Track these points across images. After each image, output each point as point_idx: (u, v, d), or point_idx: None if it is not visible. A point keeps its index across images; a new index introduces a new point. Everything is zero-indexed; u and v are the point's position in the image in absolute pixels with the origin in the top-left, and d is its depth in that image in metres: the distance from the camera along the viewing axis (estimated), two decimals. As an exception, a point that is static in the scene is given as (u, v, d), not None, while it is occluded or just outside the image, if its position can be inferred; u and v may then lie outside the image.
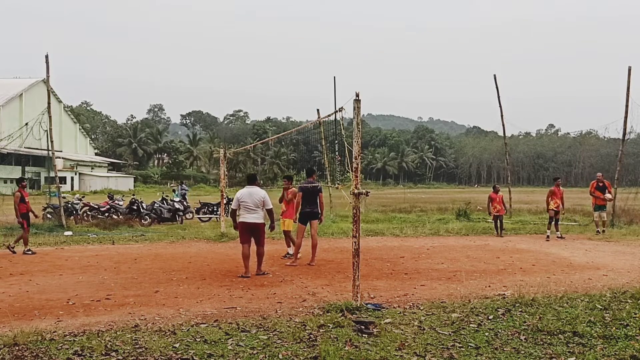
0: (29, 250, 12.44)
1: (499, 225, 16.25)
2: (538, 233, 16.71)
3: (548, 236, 15.09)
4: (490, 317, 6.29)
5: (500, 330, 5.77)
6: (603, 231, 16.24)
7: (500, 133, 24.37)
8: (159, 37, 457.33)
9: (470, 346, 5.26)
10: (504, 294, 7.62)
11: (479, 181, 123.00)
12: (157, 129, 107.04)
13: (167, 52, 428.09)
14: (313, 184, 10.93)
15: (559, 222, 15.90)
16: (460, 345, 5.30)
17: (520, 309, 6.65)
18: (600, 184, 16.50)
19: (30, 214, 13.12)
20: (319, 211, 10.97)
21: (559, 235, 15.28)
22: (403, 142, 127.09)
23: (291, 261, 10.79)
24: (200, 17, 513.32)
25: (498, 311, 6.56)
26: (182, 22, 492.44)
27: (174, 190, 25.25)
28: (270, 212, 9.61)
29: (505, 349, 5.18)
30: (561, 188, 15.74)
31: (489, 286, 8.43)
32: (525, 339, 5.48)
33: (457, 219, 20.31)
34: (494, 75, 22.27)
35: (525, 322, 6.06)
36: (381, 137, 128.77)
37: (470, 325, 5.97)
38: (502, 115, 22.69)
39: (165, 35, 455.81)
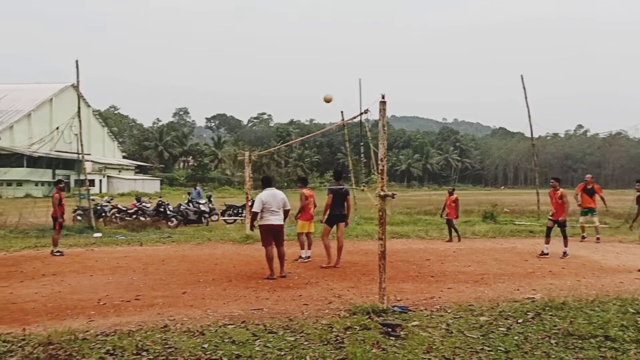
0: (59, 251, 12.73)
1: (451, 230, 15.25)
2: (569, 236, 16.42)
3: (542, 252, 12.18)
4: (519, 321, 6.22)
5: (530, 334, 5.70)
6: (584, 237, 15.04)
7: (527, 134, 24.03)
8: (184, 42, 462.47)
9: (500, 350, 5.21)
10: (534, 298, 7.53)
11: (505, 183, 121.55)
12: (183, 132, 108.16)
13: (192, 56, 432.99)
14: (342, 187, 10.93)
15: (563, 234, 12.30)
16: (490, 349, 5.25)
17: (550, 313, 6.56)
18: (589, 187, 15.53)
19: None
20: (346, 214, 11.00)
21: (544, 252, 12.16)
22: (427, 143, 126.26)
23: (326, 263, 10.69)
24: (226, 20, 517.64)
25: (527, 315, 6.48)
26: (207, 25, 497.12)
27: (189, 193, 25.44)
28: (287, 212, 9.89)
29: (535, 353, 5.12)
30: (560, 190, 12.08)
31: (518, 289, 8.33)
32: (555, 343, 5.42)
33: (484, 221, 20.09)
34: (521, 76, 21.99)
35: (555, 326, 5.98)
36: (405, 139, 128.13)
37: (499, 328, 5.92)
38: (529, 116, 22.39)
39: (190, 40, 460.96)
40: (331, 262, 10.72)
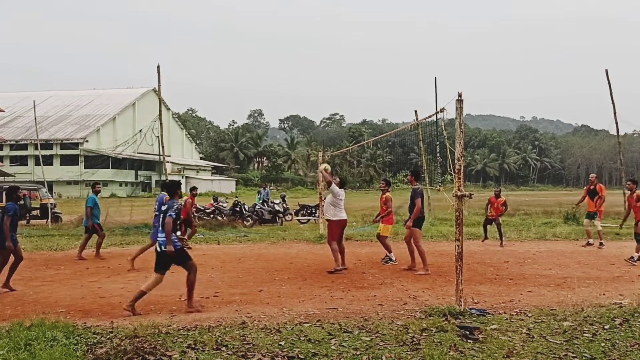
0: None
1: (498, 230, 14.69)
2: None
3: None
4: (606, 327, 5.92)
5: (617, 341, 5.42)
6: (589, 243, 13.87)
7: (612, 131, 22.84)
8: (257, 45, 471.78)
9: (585, 357, 4.98)
10: (621, 303, 7.14)
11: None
12: (257, 133, 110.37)
13: (265, 59, 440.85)
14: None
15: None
16: (574, 355, 5.03)
17: (639, 319, 6.20)
18: (592, 187, 14.22)
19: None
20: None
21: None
22: (504, 142, 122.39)
23: (424, 271, 10.05)
24: (295, 23, 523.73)
25: (615, 321, 6.15)
26: (280, 28, 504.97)
27: (259, 192, 25.93)
28: None
29: (624, 361, 4.86)
30: (636, 192, 11.38)
31: (604, 294, 7.94)
32: (646, 351, 5.12)
33: (566, 223, 19.26)
34: (606, 70, 20.88)
35: (646, 333, 5.65)
36: (481, 138, 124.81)
37: (584, 334, 5.65)
38: (615, 113, 21.19)
39: (263, 43, 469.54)
40: (428, 270, 10.10)
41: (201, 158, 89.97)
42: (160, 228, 7.08)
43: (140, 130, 21.42)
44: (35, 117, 30.46)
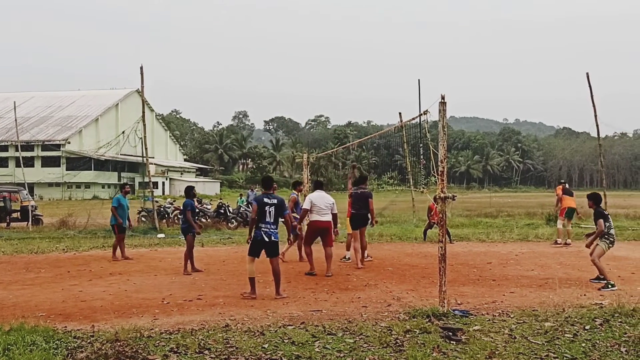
0: None
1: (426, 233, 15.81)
2: (638, 239, 15.69)
3: None
4: (586, 327, 5.98)
5: (598, 342, 5.48)
6: (558, 242, 14.57)
7: (593, 134, 23.05)
8: (242, 45, 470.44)
9: (566, 357, 5.03)
10: (602, 304, 7.22)
11: (570, 185, 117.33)
12: (242, 135, 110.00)
13: (252, 59, 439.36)
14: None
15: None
16: (555, 355, 5.08)
17: (619, 320, 6.27)
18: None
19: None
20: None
21: None
22: (488, 144, 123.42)
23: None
24: (282, 22, 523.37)
25: (595, 321, 6.22)
26: (263, 28, 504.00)
27: (248, 195, 25.79)
28: (335, 216, 10.55)
29: (604, 361, 4.91)
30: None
31: (585, 295, 8.02)
32: (626, 351, 5.18)
33: (548, 224, 19.46)
34: (587, 74, 21.09)
35: (625, 333, 5.72)
36: (465, 140, 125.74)
37: (565, 335, 5.71)
38: (595, 116, 21.43)
39: (248, 43, 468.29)
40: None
41: (185, 160, 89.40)
42: (272, 220, 8.02)
43: (124, 132, 21.23)
44: (15, 118, 30.03)
